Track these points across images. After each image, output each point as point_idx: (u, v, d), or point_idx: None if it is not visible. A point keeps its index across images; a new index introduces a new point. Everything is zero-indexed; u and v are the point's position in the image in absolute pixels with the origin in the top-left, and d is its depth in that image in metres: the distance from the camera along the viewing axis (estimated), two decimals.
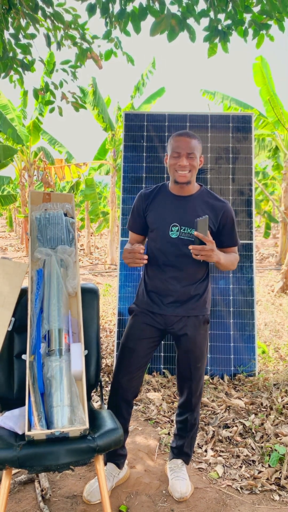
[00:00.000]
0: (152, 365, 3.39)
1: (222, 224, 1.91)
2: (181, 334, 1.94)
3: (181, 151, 1.81)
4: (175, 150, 1.82)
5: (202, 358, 1.98)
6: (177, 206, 1.89)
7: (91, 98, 9.02)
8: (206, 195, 1.93)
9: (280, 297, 6.75)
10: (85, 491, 1.97)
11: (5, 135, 8.79)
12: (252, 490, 2.06)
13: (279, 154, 9.51)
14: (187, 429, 2.06)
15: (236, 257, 1.96)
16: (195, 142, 1.83)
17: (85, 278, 8.81)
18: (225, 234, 1.93)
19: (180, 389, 2.05)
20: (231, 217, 1.92)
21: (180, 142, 1.82)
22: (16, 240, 19.26)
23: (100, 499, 1.94)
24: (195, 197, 1.91)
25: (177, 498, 1.97)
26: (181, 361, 1.99)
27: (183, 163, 1.81)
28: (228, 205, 1.92)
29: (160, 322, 1.94)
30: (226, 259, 1.86)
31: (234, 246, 1.97)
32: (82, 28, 3.07)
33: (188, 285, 1.91)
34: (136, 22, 2.71)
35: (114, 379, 1.98)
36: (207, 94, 8.65)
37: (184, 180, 1.84)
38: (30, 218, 2.03)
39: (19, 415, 1.74)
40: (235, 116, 3.59)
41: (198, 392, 2.02)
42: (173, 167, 1.85)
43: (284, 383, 3.16)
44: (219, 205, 1.91)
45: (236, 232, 1.97)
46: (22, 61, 3.08)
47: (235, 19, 2.65)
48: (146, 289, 1.98)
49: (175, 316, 1.92)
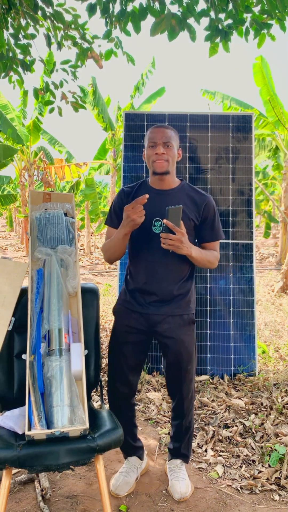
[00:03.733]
0: (152, 365, 3.39)
1: (204, 217, 1.88)
2: (167, 336, 1.88)
3: (157, 141, 1.79)
4: (151, 140, 1.80)
5: (192, 360, 1.93)
6: (159, 201, 1.84)
7: (91, 98, 9.02)
8: (187, 189, 1.90)
9: (280, 297, 6.75)
10: (111, 486, 2.00)
11: (5, 135, 8.79)
12: (252, 490, 2.06)
13: (279, 154, 9.50)
14: (182, 433, 2.04)
15: (215, 256, 1.91)
16: (172, 132, 1.81)
17: (85, 278, 8.80)
18: (207, 228, 1.90)
19: (171, 394, 2.01)
20: (213, 210, 1.89)
21: (156, 133, 1.80)
22: (16, 240, 19.26)
23: (127, 492, 2.00)
24: (177, 191, 1.88)
25: (177, 499, 1.97)
26: (170, 365, 1.93)
27: (160, 151, 1.78)
28: (210, 198, 1.89)
29: (143, 323, 1.89)
30: (201, 255, 1.81)
31: (216, 240, 1.93)
32: (82, 28, 3.07)
33: (171, 284, 1.85)
34: (136, 22, 2.71)
35: (110, 383, 1.97)
36: (207, 94, 8.65)
37: (162, 169, 1.80)
38: (30, 218, 2.03)
39: (19, 415, 1.74)
40: (235, 116, 3.59)
41: (190, 395, 1.98)
42: (150, 158, 1.82)
43: (284, 383, 3.16)
44: (201, 198, 1.88)
45: (219, 226, 1.93)
46: (22, 61, 3.08)
47: (236, 19, 2.65)
48: (128, 288, 1.94)
49: (159, 315, 1.86)
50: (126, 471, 2.05)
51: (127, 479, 2.02)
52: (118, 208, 1.93)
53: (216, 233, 1.92)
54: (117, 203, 1.94)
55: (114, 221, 1.95)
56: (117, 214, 1.93)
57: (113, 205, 1.96)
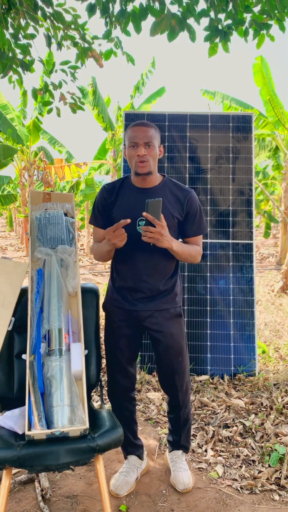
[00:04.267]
0: (152, 365, 3.39)
1: (187, 212, 1.88)
2: (156, 330, 1.91)
3: (138, 141, 1.76)
4: (132, 140, 1.78)
5: (182, 352, 1.96)
6: (141, 199, 1.83)
7: (91, 98, 9.02)
8: (170, 185, 1.89)
9: (280, 297, 6.75)
10: (111, 486, 2.01)
11: (5, 135, 8.79)
12: (252, 490, 2.06)
13: (279, 154, 9.50)
14: (180, 425, 2.07)
15: (198, 250, 1.92)
16: (153, 131, 1.79)
17: (85, 278, 8.80)
18: (190, 223, 1.90)
19: (165, 387, 2.03)
20: (195, 204, 1.89)
21: (137, 132, 1.77)
22: (16, 240, 19.26)
23: (127, 491, 2.01)
24: (159, 188, 1.87)
25: (181, 490, 2.02)
26: (161, 359, 1.96)
27: (142, 152, 1.75)
28: (192, 193, 1.89)
29: (132, 319, 1.91)
30: (182, 249, 1.81)
31: (198, 235, 1.94)
32: (82, 28, 3.06)
33: (157, 281, 1.87)
34: (136, 22, 2.71)
35: (110, 378, 1.99)
36: (207, 94, 8.65)
37: (144, 170, 1.79)
38: (30, 218, 2.03)
39: (19, 415, 1.74)
40: (235, 116, 3.59)
41: (184, 387, 2.00)
42: (132, 159, 1.79)
43: (284, 383, 3.16)
44: (184, 194, 1.88)
45: (201, 220, 1.93)
46: (21, 61, 3.08)
47: (236, 19, 2.65)
48: (115, 285, 1.95)
49: (146, 311, 1.89)
50: (126, 471, 2.06)
51: (127, 479, 2.03)
52: (101, 207, 1.92)
53: (198, 227, 1.92)
54: (100, 202, 1.93)
55: (98, 221, 1.94)
56: (100, 212, 1.93)
57: (95, 204, 1.95)
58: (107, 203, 1.90)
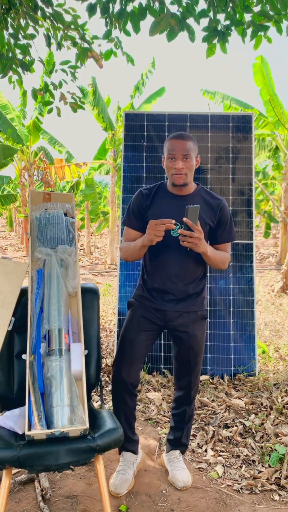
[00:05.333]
0: (152, 365, 3.39)
1: (219, 220, 1.96)
2: (182, 331, 1.99)
3: (176, 154, 1.84)
4: (171, 152, 1.85)
5: (201, 353, 2.06)
6: (176, 206, 1.92)
7: (91, 98, 9.02)
8: (203, 193, 1.99)
9: (280, 297, 6.75)
10: (111, 486, 2.02)
11: (5, 135, 8.79)
12: (252, 490, 2.06)
13: (279, 154, 9.50)
14: (185, 420, 2.13)
15: (227, 256, 2.00)
16: (190, 143, 1.85)
17: (85, 278, 8.81)
18: (221, 230, 1.98)
19: (179, 384, 2.11)
20: (227, 212, 1.99)
21: (175, 144, 1.84)
22: (16, 240, 19.26)
23: (127, 489, 2.02)
24: (193, 196, 1.96)
25: (180, 487, 2.05)
26: (181, 357, 2.04)
27: (179, 165, 1.84)
28: (224, 202, 1.99)
29: (160, 318, 1.99)
30: (215, 255, 1.89)
31: (230, 241, 2.02)
32: (82, 29, 3.07)
33: (187, 284, 1.95)
34: (136, 21, 2.71)
35: (115, 370, 2.02)
36: (207, 94, 8.65)
37: (181, 182, 1.88)
38: (30, 218, 2.03)
39: (19, 415, 1.74)
40: (235, 116, 3.59)
41: (196, 385, 2.10)
42: (170, 170, 1.89)
43: (284, 383, 3.17)
44: (216, 202, 1.97)
45: (232, 227, 2.02)
46: (21, 61, 3.08)
47: (234, 20, 2.65)
48: (146, 286, 2.02)
49: (175, 312, 1.97)
50: (123, 468, 2.08)
51: (125, 476, 2.05)
52: (136, 210, 2.00)
53: (229, 234, 2.01)
54: (135, 205, 2.00)
55: (132, 222, 2.01)
56: (135, 215, 2.00)
57: (131, 206, 2.02)
58: (142, 206, 1.98)
